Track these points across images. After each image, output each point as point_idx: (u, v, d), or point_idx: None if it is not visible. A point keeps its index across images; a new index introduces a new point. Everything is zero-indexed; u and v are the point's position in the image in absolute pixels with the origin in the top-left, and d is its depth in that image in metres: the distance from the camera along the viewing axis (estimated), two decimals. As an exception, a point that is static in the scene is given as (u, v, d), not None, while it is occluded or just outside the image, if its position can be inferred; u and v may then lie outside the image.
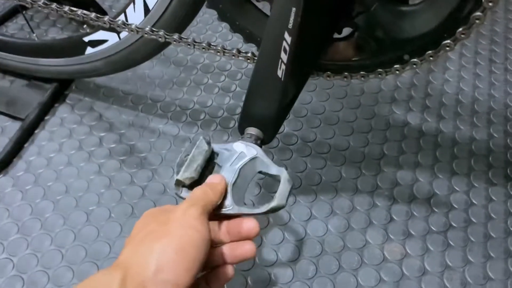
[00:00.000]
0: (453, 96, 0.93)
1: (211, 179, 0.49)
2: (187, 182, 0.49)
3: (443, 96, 0.93)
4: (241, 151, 0.52)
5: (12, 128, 0.86)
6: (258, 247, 0.71)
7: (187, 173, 0.49)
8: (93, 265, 0.70)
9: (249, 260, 0.48)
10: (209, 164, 0.52)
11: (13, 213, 0.75)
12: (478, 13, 0.44)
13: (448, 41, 0.48)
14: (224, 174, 0.49)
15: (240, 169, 0.50)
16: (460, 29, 0.46)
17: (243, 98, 0.57)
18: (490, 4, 0.43)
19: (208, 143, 0.52)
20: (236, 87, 0.94)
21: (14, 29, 1.06)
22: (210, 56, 1.00)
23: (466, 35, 0.46)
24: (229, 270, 0.47)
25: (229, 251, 0.47)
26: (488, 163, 0.82)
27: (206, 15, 1.09)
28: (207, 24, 1.08)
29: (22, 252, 0.71)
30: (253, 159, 0.51)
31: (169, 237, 0.40)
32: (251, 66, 0.97)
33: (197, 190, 0.47)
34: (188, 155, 0.51)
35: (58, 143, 0.84)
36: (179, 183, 0.50)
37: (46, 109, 0.89)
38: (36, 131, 0.86)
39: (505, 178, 0.80)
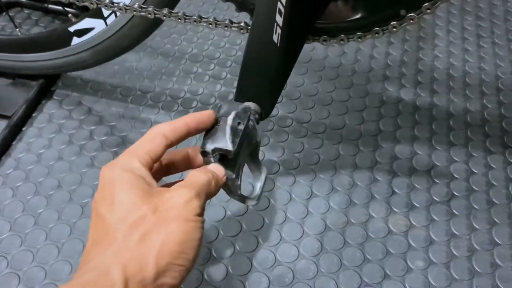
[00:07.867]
0: (444, 71, 0.93)
1: (216, 169, 0.44)
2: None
3: (434, 71, 0.93)
4: None
5: (-1, 126, 0.83)
6: (261, 228, 0.69)
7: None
8: (91, 257, 0.67)
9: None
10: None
11: (4, 211, 0.72)
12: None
13: (445, -9, 0.48)
14: None
15: None
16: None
17: (235, 81, 0.55)
18: None
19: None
20: (226, 74, 0.93)
21: (-5, 30, 1.04)
22: (198, 45, 0.99)
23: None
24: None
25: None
26: (484, 133, 0.82)
27: None
28: (198, 6, 1.08)
29: (15, 249, 0.68)
30: None
31: (170, 234, 0.36)
32: (240, 53, 0.96)
33: (202, 176, 0.41)
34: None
35: (47, 138, 0.82)
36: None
37: (33, 106, 0.86)
38: (23, 128, 0.84)
39: (503, 146, 0.80)
